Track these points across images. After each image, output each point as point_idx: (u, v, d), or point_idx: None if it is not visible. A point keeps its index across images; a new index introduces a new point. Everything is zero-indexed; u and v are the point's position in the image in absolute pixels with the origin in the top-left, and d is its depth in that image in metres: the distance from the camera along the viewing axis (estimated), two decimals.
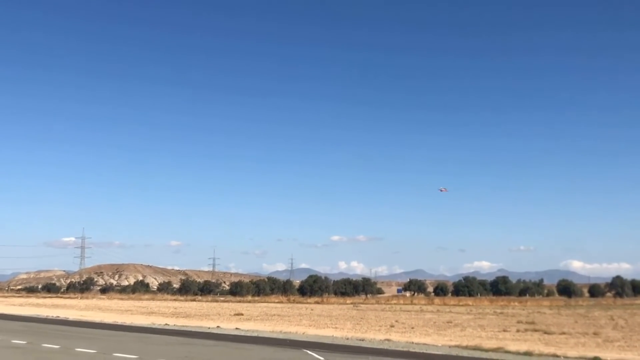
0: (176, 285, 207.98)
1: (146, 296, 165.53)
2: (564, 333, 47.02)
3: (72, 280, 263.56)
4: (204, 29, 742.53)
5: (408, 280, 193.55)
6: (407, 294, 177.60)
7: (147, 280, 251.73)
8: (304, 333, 47.02)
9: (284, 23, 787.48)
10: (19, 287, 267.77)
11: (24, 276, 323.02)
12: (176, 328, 52.24)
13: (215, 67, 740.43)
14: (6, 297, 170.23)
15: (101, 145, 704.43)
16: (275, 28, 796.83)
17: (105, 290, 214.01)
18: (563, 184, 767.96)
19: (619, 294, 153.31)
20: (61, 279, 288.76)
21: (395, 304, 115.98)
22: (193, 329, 50.64)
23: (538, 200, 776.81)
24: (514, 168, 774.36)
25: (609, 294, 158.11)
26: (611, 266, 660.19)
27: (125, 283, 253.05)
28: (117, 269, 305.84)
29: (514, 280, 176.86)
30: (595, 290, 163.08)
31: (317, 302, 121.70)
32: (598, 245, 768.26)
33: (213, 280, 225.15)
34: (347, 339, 42.45)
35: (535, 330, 49.25)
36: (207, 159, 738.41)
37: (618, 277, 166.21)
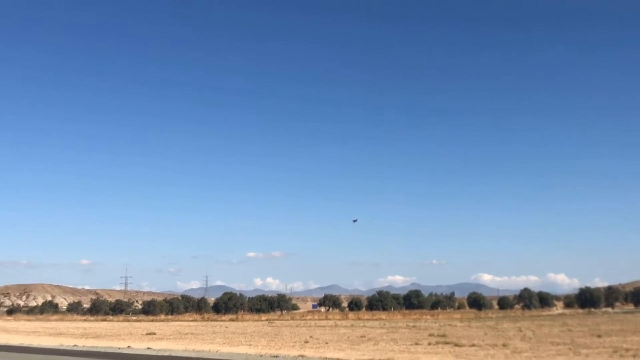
0: (87, 305, 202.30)
1: (55, 317, 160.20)
2: (474, 345, 47.95)
3: None
4: None
5: (323, 295, 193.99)
6: (322, 309, 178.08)
7: (56, 301, 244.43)
8: (217, 351, 46.51)
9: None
10: None
11: None
12: (85, 349, 50.79)
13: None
14: None
15: (4, 159, 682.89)
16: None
17: (12, 311, 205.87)
18: (474, 199, 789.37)
19: (527, 306, 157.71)
20: None
21: (310, 319, 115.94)
22: (103, 350, 49.38)
23: (450, 215, 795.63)
24: (426, 183, 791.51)
25: (517, 306, 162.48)
26: (519, 279, 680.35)
27: (34, 304, 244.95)
28: (25, 290, 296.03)
29: (426, 293, 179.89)
30: (504, 303, 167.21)
31: (231, 320, 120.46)
32: (507, 259, 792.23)
33: (125, 300, 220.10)
34: (261, 355, 42.17)
35: (447, 343, 50.06)
36: (117, 174, 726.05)
37: (526, 289, 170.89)
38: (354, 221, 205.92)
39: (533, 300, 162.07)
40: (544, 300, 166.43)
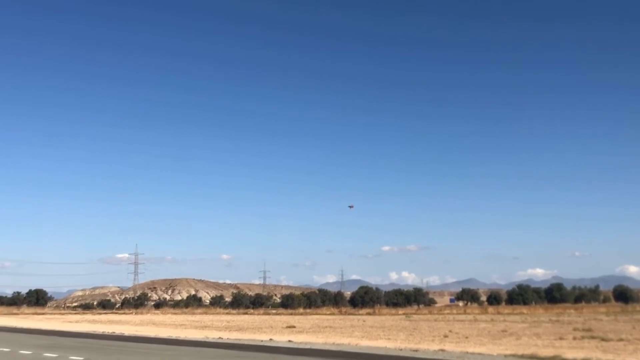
0: (228, 299, 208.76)
1: (199, 310, 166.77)
2: (622, 340, 46.03)
3: (127, 296, 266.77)
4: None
5: (460, 289, 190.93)
6: (460, 303, 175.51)
7: (199, 295, 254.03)
8: (356, 344, 46.87)
9: None
10: (75, 304, 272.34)
11: (80, 293, 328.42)
12: (230, 341, 52.47)
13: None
14: (63, 314, 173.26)
15: (151, 162, 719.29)
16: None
17: (158, 305, 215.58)
18: (617, 187, 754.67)
19: None
20: (116, 295, 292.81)
21: (448, 313, 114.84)
22: (246, 342, 50.85)
23: (592, 205, 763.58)
24: (568, 172, 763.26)
25: None
26: None
27: (178, 298, 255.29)
28: (170, 284, 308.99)
29: (568, 287, 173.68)
30: None
31: (368, 313, 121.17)
32: None
33: (264, 293, 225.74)
34: (401, 349, 42.12)
35: (592, 338, 48.27)
36: (256, 172, 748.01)
37: None
38: (350, 207, 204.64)
39: None
40: None
